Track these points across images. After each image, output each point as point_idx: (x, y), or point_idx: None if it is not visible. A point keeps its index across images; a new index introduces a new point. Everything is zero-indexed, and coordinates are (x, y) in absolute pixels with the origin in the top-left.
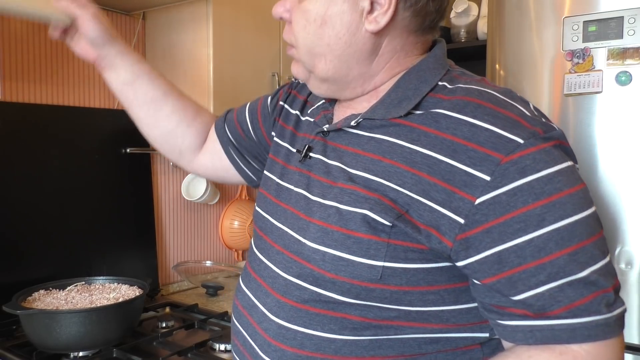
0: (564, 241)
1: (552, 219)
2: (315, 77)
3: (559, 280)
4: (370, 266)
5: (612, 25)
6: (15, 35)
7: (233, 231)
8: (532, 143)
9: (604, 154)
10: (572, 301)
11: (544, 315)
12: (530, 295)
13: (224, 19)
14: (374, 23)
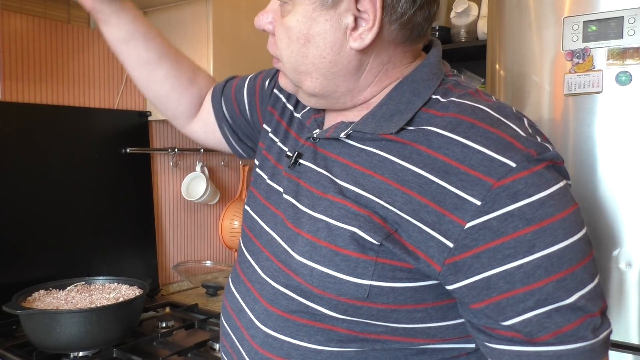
0: (553, 267)
1: (542, 245)
2: (303, 92)
3: (547, 306)
4: (358, 285)
5: (612, 25)
6: (15, 35)
7: (233, 231)
8: (524, 167)
9: (604, 154)
10: (559, 327)
11: (532, 341)
12: (518, 322)
13: (224, 19)
14: (359, 40)
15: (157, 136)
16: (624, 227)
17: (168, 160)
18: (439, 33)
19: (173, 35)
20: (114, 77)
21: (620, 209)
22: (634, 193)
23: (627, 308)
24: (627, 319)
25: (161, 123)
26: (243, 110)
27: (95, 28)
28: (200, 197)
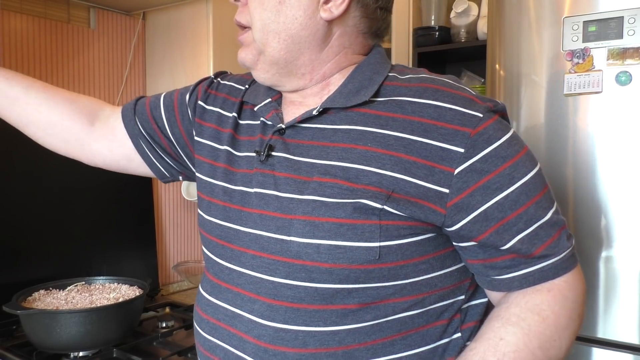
0: (531, 192)
1: (519, 175)
2: (264, 59)
3: (533, 225)
4: (368, 248)
5: (612, 25)
6: (15, 35)
7: None
8: (489, 116)
9: (604, 154)
10: (545, 241)
11: (529, 257)
12: (515, 242)
13: (224, 19)
14: (328, 12)
15: None
16: (624, 227)
17: None
18: (439, 33)
19: (173, 35)
20: (114, 77)
21: (620, 208)
22: (633, 193)
23: (627, 308)
24: (627, 319)
25: None
26: (162, 127)
27: (96, 28)
28: None
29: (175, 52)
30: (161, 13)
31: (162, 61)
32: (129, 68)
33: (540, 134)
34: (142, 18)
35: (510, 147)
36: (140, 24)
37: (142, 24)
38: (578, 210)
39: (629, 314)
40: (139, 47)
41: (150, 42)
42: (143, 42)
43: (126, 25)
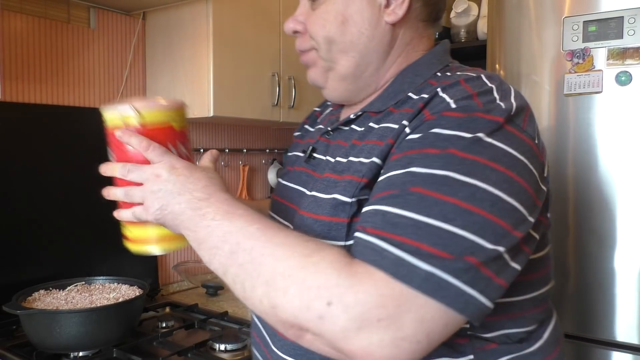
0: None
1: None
2: (334, 76)
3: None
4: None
5: (612, 25)
6: (15, 35)
7: None
8: (463, 110)
9: (604, 154)
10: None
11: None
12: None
13: (224, 19)
14: (393, 15)
15: None
16: (624, 227)
17: None
18: (439, 33)
19: (173, 35)
20: (114, 77)
21: (620, 208)
22: (634, 193)
23: (627, 308)
24: (627, 319)
25: None
26: None
27: (96, 28)
28: None
29: (175, 52)
30: (161, 13)
31: (162, 61)
32: (129, 68)
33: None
34: (142, 18)
35: (450, 141)
36: (140, 24)
37: (142, 24)
38: (578, 210)
39: (629, 314)
40: (139, 47)
41: (150, 42)
42: (143, 42)
43: (126, 25)
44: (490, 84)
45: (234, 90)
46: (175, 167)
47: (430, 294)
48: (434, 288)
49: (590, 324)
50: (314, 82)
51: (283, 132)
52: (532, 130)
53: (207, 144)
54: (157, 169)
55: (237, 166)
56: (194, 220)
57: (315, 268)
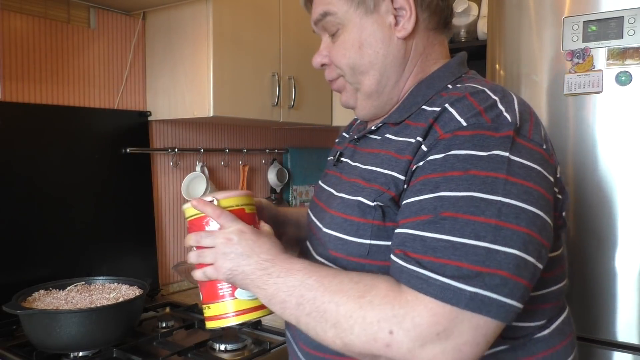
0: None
1: (445, 187)
2: (361, 96)
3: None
4: (360, 244)
5: (612, 25)
6: (15, 35)
7: None
8: (473, 127)
9: (604, 154)
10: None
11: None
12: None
13: (224, 19)
14: (403, 30)
15: (157, 136)
16: (624, 227)
17: (168, 160)
18: None
19: (173, 35)
20: (114, 77)
21: (620, 208)
22: (634, 193)
23: (627, 308)
24: (627, 319)
25: (161, 123)
26: None
27: (96, 28)
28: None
29: (175, 52)
30: (161, 13)
31: (162, 61)
32: (129, 68)
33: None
34: (142, 18)
35: (468, 161)
36: (140, 24)
37: (142, 24)
38: (578, 210)
39: (629, 314)
40: (139, 47)
41: (150, 42)
42: (143, 42)
43: (126, 25)
44: (495, 96)
45: (234, 90)
46: (244, 232)
47: (477, 311)
48: (479, 306)
49: (591, 324)
50: (347, 104)
51: (283, 132)
52: (538, 137)
53: (207, 144)
54: (228, 234)
55: (237, 166)
56: (262, 279)
57: (371, 306)
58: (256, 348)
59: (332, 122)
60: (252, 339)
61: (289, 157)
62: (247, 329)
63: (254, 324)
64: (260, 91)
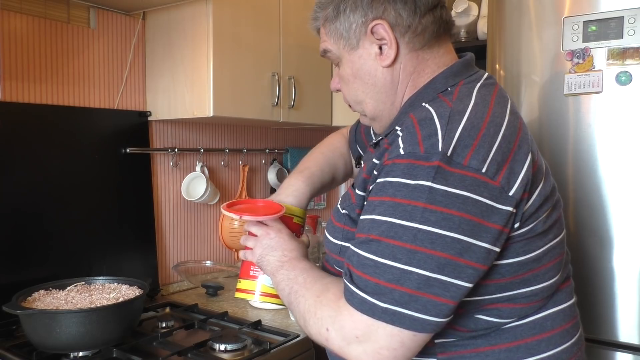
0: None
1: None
2: (367, 120)
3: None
4: (335, 244)
5: (612, 25)
6: (15, 35)
7: (233, 231)
8: (407, 157)
9: (604, 154)
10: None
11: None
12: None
13: (224, 19)
14: (387, 59)
15: (157, 136)
16: (624, 227)
17: (168, 160)
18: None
19: (173, 35)
20: (114, 77)
21: (620, 208)
22: (634, 193)
23: (627, 308)
24: (627, 319)
25: (161, 123)
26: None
27: (96, 28)
28: (200, 197)
29: (175, 52)
30: (161, 13)
31: (162, 61)
32: (129, 68)
33: (540, 134)
34: (142, 18)
35: (396, 188)
36: (140, 24)
37: (142, 24)
38: (578, 210)
39: (629, 314)
40: (139, 47)
41: (150, 42)
42: (143, 42)
43: (126, 25)
44: (439, 123)
45: (234, 90)
46: (281, 231)
47: (389, 323)
48: (391, 319)
49: (591, 324)
50: (365, 124)
51: (283, 132)
52: (477, 162)
53: (207, 144)
54: (269, 229)
55: (237, 166)
56: (277, 269)
57: (321, 305)
58: (256, 348)
59: (332, 122)
60: (252, 339)
61: (289, 157)
62: (247, 329)
63: (254, 323)
64: (260, 91)
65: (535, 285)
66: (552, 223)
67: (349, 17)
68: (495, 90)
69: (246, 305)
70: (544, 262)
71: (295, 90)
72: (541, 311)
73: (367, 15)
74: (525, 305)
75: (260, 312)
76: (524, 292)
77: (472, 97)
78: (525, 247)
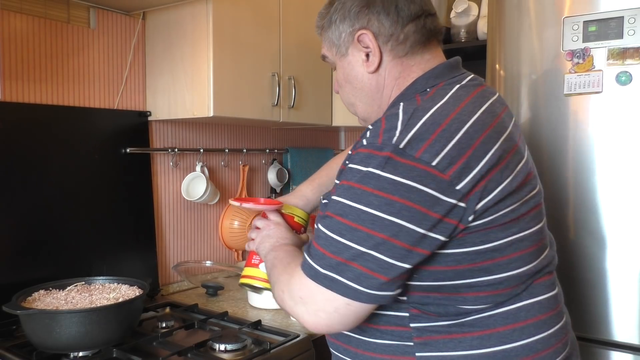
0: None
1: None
2: (361, 121)
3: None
4: (317, 228)
5: (612, 25)
6: (15, 35)
7: (233, 231)
8: (368, 147)
9: (604, 154)
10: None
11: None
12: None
13: (224, 19)
14: (371, 66)
15: (157, 136)
16: (624, 227)
17: (168, 160)
18: None
19: (173, 35)
20: (114, 77)
21: (620, 208)
22: (633, 193)
23: (627, 308)
24: (627, 319)
25: (161, 123)
26: None
27: (96, 28)
28: (200, 197)
29: (175, 52)
30: (161, 13)
31: (162, 61)
32: (129, 68)
33: (540, 134)
34: (142, 18)
35: (353, 174)
36: (140, 24)
37: (142, 24)
38: (578, 210)
39: (629, 314)
40: (139, 47)
41: (150, 42)
42: (143, 42)
43: (126, 25)
44: (401, 118)
45: (234, 90)
46: (279, 225)
47: (328, 287)
48: (329, 284)
49: (591, 324)
50: (362, 125)
51: (283, 132)
52: (429, 156)
53: (207, 144)
54: (269, 222)
55: (237, 166)
56: (267, 252)
57: (285, 272)
58: (256, 348)
59: (332, 122)
60: (252, 339)
61: (289, 157)
62: (247, 329)
63: (254, 323)
64: (260, 91)
65: (497, 274)
66: (517, 216)
67: (339, 27)
68: (476, 91)
69: (246, 305)
70: (507, 253)
71: (295, 90)
72: (515, 302)
73: (354, 25)
74: (491, 294)
75: (260, 312)
76: (486, 280)
77: (445, 97)
78: (482, 238)
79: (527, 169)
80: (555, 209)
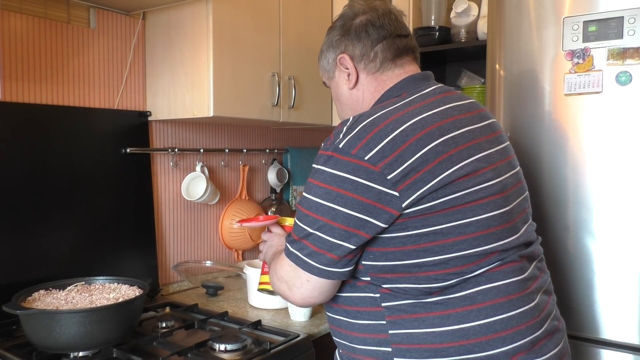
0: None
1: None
2: None
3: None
4: None
5: (612, 25)
6: (15, 35)
7: (233, 231)
8: (325, 149)
9: (604, 154)
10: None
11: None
12: None
13: (224, 19)
14: (351, 82)
15: (157, 136)
16: (624, 227)
17: (168, 160)
18: (439, 33)
19: (173, 35)
20: (114, 77)
21: (620, 208)
22: (633, 193)
23: (627, 308)
24: (627, 319)
25: (161, 123)
26: None
27: (96, 28)
28: (200, 197)
29: (175, 52)
30: (161, 13)
31: (162, 61)
32: (129, 68)
33: (540, 134)
34: (142, 18)
35: (311, 171)
36: (140, 24)
37: (142, 24)
38: (578, 210)
39: (629, 314)
40: (139, 47)
41: (150, 42)
42: (143, 42)
43: (126, 25)
44: (349, 123)
45: (234, 90)
46: (280, 235)
47: (295, 263)
48: (295, 260)
49: (591, 324)
50: None
51: (283, 132)
52: (363, 152)
53: (207, 144)
54: (273, 234)
55: (237, 166)
56: (271, 258)
57: (278, 260)
58: (256, 348)
59: (332, 122)
60: (252, 339)
61: (289, 157)
62: (247, 329)
63: (254, 324)
64: (260, 91)
65: (442, 255)
66: (461, 204)
67: (327, 55)
68: (435, 97)
69: (246, 306)
70: (451, 237)
71: (295, 90)
72: (474, 287)
73: (336, 51)
74: (440, 272)
75: (260, 312)
76: (432, 260)
77: (397, 104)
78: (422, 222)
79: (485, 163)
80: (554, 208)
